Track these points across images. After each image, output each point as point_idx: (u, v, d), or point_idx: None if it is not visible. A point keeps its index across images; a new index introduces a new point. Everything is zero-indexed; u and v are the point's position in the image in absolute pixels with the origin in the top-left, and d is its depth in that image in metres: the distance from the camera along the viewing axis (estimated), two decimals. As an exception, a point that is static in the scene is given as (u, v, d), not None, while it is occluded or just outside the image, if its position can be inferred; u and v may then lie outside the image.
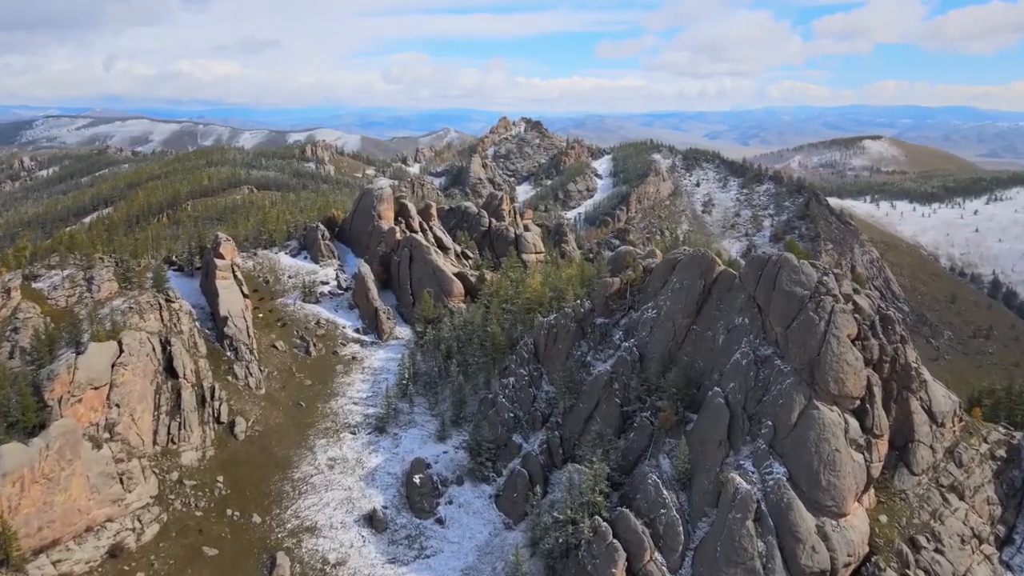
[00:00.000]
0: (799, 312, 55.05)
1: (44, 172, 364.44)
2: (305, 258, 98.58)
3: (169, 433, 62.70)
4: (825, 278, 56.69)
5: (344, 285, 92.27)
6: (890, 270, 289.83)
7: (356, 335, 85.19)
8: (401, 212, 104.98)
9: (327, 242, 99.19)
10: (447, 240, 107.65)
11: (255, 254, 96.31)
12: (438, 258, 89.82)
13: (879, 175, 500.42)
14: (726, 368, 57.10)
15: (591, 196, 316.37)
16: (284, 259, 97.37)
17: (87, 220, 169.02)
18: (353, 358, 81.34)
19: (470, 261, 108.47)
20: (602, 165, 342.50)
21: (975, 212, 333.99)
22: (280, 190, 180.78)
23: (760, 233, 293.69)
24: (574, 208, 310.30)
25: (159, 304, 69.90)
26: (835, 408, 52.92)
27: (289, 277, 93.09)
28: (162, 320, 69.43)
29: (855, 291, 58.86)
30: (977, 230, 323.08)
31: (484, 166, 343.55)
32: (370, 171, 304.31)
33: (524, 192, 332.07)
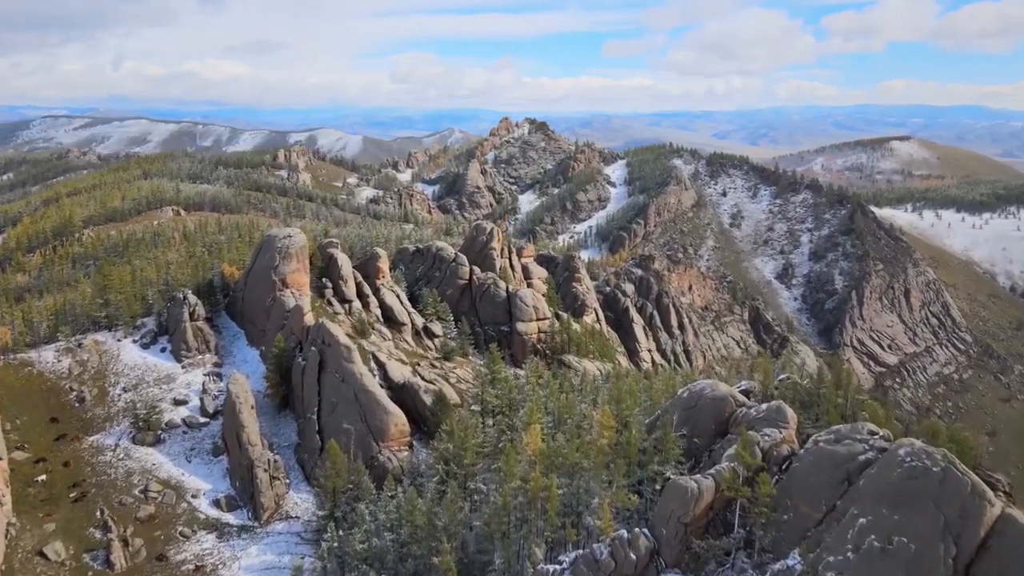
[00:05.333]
0: None
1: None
2: (164, 350, 61.29)
3: None
4: None
5: (214, 408, 54.93)
6: (947, 293, 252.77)
7: (215, 512, 47.82)
8: (328, 270, 67.65)
9: (198, 323, 61.73)
10: (402, 310, 70.44)
11: (79, 344, 58.96)
12: (365, 366, 52.12)
13: (912, 179, 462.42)
14: None
15: (603, 207, 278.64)
16: (128, 352, 60.15)
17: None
18: (198, 568, 43.98)
19: (437, 341, 71.10)
20: (615, 171, 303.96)
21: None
22: (219, 210, 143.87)
23: (798, 250, 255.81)
24: (584, 221, 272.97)
25: None
26: None
27: (124, 390, 55.77)
28: None
29: None
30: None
31: (483, 173, 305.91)
32: (352, 179, 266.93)
33: (528, 202, 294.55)
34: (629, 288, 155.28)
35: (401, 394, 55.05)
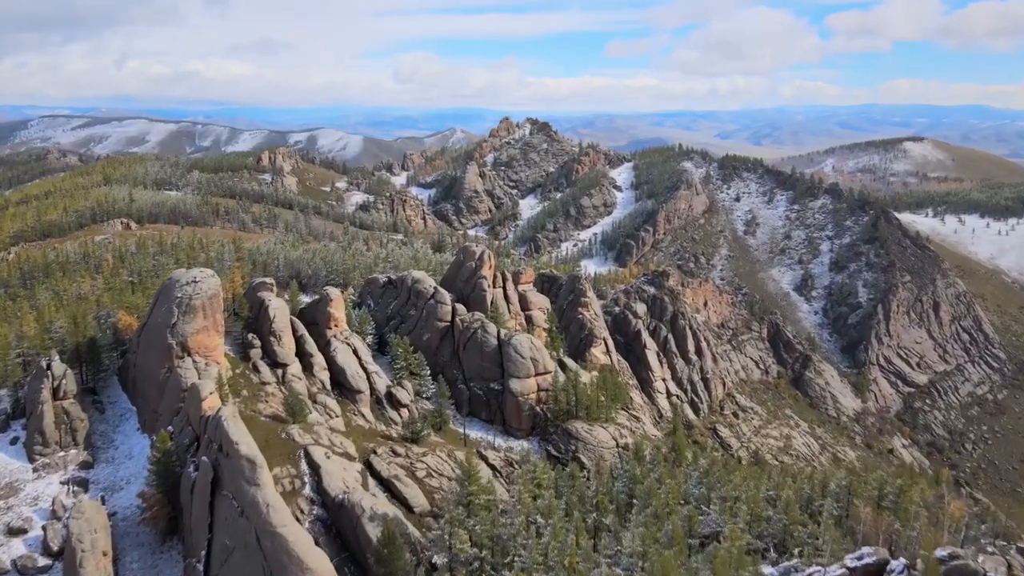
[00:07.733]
0: None
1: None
2: (16, 441, 44.47)
3: None
4: None
5: (62, 541, 37.94)
6: (978, 306, 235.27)
7: None
8: (256, 323, 50.66)
9: (65, 403, 44.89)
10: (358, 372, 53.46)
11: None
12: (277, 490, 35.30)
13: (929, 182, 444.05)
14: None
15: (609, 213, 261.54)
16: (-33, 446, 43.26)
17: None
18: None
19: (404, 413, 54.16)
20: (621, 175, 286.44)
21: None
22: (179, 222, 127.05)
23: (817, 259, 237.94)
24: (589, 228, 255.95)
25: None
26: None
27: (-58, 509, 38.82)
28: None
29: None
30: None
31: (482, 176, 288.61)
32: (341, 184, 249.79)
33: (529, 207, 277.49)
34: (641, 308, 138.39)
35: (339, 516, 38.18)
